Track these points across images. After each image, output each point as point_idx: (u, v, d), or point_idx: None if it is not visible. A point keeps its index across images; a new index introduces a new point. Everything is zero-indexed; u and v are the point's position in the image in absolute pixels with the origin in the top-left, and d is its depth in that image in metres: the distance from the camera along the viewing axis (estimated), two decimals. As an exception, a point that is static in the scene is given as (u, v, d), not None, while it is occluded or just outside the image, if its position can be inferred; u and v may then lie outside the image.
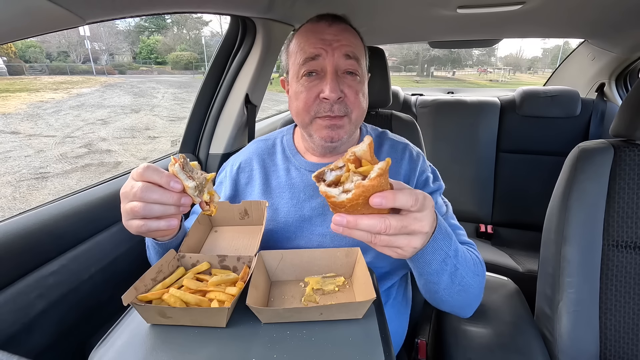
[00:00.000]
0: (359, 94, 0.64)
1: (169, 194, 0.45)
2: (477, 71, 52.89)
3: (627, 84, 1.71)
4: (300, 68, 0.63)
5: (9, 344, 0.57)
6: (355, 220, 0.36)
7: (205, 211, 0.50)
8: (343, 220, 0.36)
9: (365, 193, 0.34)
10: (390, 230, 0.37)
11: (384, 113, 1.17)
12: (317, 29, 0.63)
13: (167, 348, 0.41)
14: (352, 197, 0.34)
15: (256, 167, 0.74)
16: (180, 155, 0.47)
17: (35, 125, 10.00)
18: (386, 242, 0.38)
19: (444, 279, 0.50)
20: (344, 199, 0.34)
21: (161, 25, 47.72)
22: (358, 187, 0.34)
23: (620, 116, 0.73)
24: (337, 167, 0.38)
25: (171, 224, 0.47)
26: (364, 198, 0.35)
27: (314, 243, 0.65)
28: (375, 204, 0.35)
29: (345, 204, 0.34)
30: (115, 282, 0.79)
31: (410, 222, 0.38)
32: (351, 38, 0.64)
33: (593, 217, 0.71)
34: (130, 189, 0.45)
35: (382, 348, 0.40)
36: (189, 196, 0.46)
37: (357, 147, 0.37)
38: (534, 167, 1.65)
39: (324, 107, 0.62)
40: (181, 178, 0.45)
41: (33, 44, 32.14)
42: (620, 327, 0.70)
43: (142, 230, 0.47)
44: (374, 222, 0.36)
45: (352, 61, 0.62)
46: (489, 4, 1.01)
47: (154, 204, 0.45)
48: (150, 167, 0.45)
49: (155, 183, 0.45)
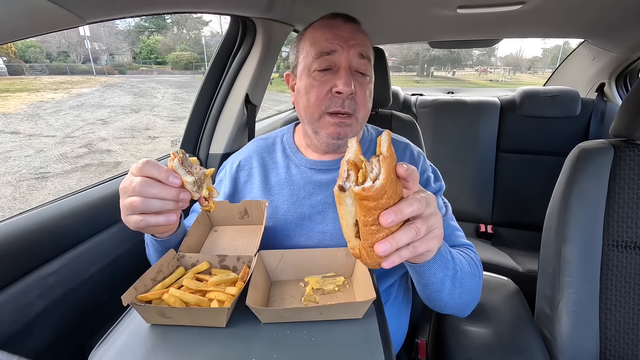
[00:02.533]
0: (367, 93, 0.65)
1: (167, 189, 0.45)
2: (477, 71, 52.90)
3: (627, 84, 1.71)
4: (314, 62, 0.63)
5: (9, 344, 0.57)
6: (399, 208, 0.34)
7: (204, 207, 0.50)
8: (391, 215, 0.34)
9: (391, 165, 0.34)
10: (424, 207, 0.36)
11: (384, 113, 1.17)
12: (333, 24, 0.64)
13: (167, 348, 0.41)
14: (385, 175, 0.33)
15: (255, 164, 0.74)
16: (180, 150, 0.47)
17: (35, 125, 10.00)
18: (424, 248, 0.37)
19: (447, 285, 0.51)
20: (380, 183, 0.33)
21: (161, 25, 47.75)
22: (383, 160, 0.33)
23: (620, 116, 0.73)
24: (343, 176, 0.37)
25: (170, 219, 0.47)
26: (393, 172, 0.35)
27: (314, 240, 0.65)
28: (403, 173, 0.35)
29: (384, 189, 0.33)
30: (115, 282, 0.79)
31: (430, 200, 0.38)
32: (365, 39, 0.65)
33: (593, 217, 0.71)
34: (129, 184, 0.45)
35: (382, 348, 0.40)
36: (187, 191, 0.46)
37: (347, 154, 0.36)
38: (534, 167, 1.65)
39: (336, 102, 0.62)
40: (180, 173, 0.45)
41: (33, 44, 32.15)
42: (620, 327, 0.70)
43: (140, 226, 0.46)
44: (412, 202, 0.35)
45: (365, 61, 0.63)
46: (489, 4, 1.01)
47: (152, 199, 0.45)
48: (149, 162, 0.45)
49: (154, 178, 0.45)
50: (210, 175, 0.50)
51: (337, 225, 0.65)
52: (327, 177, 0.68)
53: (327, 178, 0.68)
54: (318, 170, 0.69)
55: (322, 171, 0.69)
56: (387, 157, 0.34)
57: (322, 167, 0.69)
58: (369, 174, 0.34)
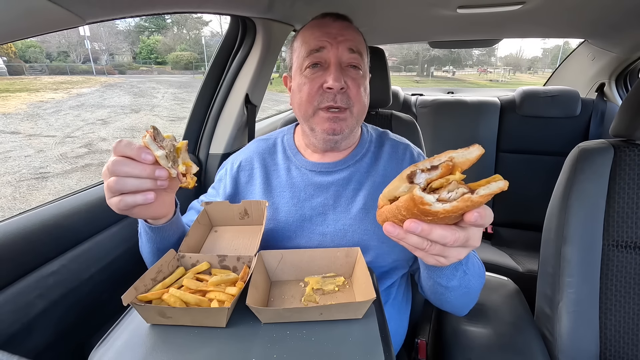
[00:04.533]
0: (361, 88, 0.64)
1: (140, 165, 0.44)
2: (477, 71, 52.89)
3: (627, 84, 1.71)
4: (304, 60, 0.64)
5: (9, 344, 0.57)
6: (430, 229, 0.33)
7: (182, 183, 0.49)
8: (417, 228, 0.32)
9: (467, 208, 0.30)
10: (456, 243, 0.34)
11: (384, 113, 1.17)
12: (322, 23, 0.65)
13: (167, 348, 0.41)
14: (450, 209, 0.30)
15: (257, 166, 0.74)
16: (151, 126, 0.46)
17: (35, 125, 10.00)
18: (439, 252, 0.36)
19: (453, 283, 0.51)
20: (440, 209, 0.30)
21: (161, 25, 47.73)
22: (465, 201, 0.30)
23: (620, 116, 0.73)
24: (427, 169, 0.33)
25: (147, 198, 0.46)
26: (462, 212, 0.31)
27: (314, 242, 0.65)
28: (471, 221, 0.31)
29: (438, 214, 0.30)
30: (115, 282, 0.79)
31: (471, 235, 0.36)
32: (355, 34, 0.65)
33: (593, 217, 0.71)
34: (106, 165, 0.45)
35: (382, 348, 0.40)
36: (163, 168, 0.45)
37: (457, 152, 0.33)
38: (534, 167, 1.65)
39: (327, 97, 0.62)
40: (152, 149, 0.44)
41: (33, 44, 32.14)
42: (620, 327, 0.70)
43: (120, 207, 0.46)
44: (447, 234, 0.33)
45: (356, 55, 0.63)
46: (489, 4, 1.01)
47: (127, 178, 0.44)
48: (122, 141, 0.44)
49: (127, 157, 0.44)
50: (184, 148, 0.49)
51: (337, 227, 0.65)
52: (328, 179, 0.69)
53: (328, 180, 0.68)
54: (318, 172, 0.69)
55: (323, 173, 0.69)
56: (474, 200, 0.30)
57: (322, 169, 0.69)
58: (444, 191, 0.31)
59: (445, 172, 0.33)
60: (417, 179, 0.33)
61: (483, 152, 0.33)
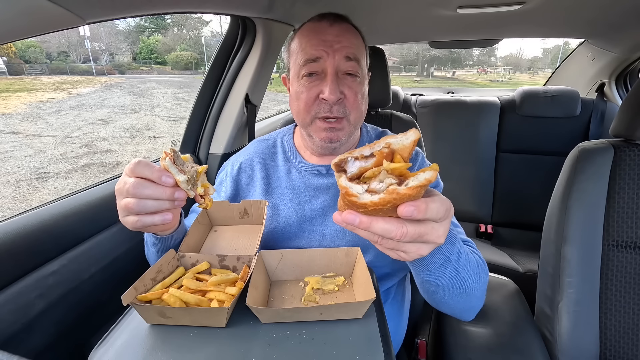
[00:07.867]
0: (358, 95, 0.64)
1: (161, 189, 0.44)
2: (477, 71, 52.89)
3: (627, 84, 1.71)
4: (301, 69, 0.63)
5: (9, 344, 0.57)
6: (370, 222, 0.31)
7: (200, 204, 0.49)
8: (355, 219, 0.31)
9: (396, 201, 0.28)
10: (405, 238, 0.32)
11: (384, 113, 1.17)
12: (318, 28, 0.63)
13: (166, 348, 0.41)
14: (378, 201, 0.28)
15: (257, 167, 0.74)
16: (171, 149, 0.47)
17: (35, 125, 10.00)
18: (393, 246, 0.35)
19: (444, 282, 0.48)
20: (367, 201, 0.28)
21: (161, 25, 47.74)
22: (391, 193, 0.27)
23: (620, 116, 0.73)
24: (363, 156, 0.31)
25: (165, 219, 0.47)
26: (392, 205, 0.28)
27: (314, 243, 0.66)
28: (404, 215, 0.29)
29: (367, 206, 0.28)
30: (115, 282, 0.79)
31: (428, 231, 0.33)
32: (352, 39, 0.64)
33: (593, 217, 0.71)
34: (123, 185, 0.45)
35: (382, 348, 0.40)
36: (182, 190, 0.46)
37: (395, 137, 0.30)
38: (534, 167, 1.65)
39: (324, 108, 0.62)
40: (172, 172, 0.45)
41: (33, 44, 32.14)
42: (620, 327, 0.70)
43: (137, 226, 0.46)
44: (390, 228, 0.31)
45: (353, 63, 0.62)
46: (489, 4, 1.01)
47: (147, 200, 0.44)
48: (141, 162, 0.45)
49: (147, 178, 0.44)
50: (204, 171, 0.49)
51: (336, 228, 0.65)
52: (327, 181, 0.69)
53: (327, 182, 0.69)
54: (318, 174, 0.70)
55: (323, 175, 0.69)
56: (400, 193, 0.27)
57: (322, 171, 0.70)
58: (373, 181, 0.29)
59: (380, 160, 0.30)
60: (350, 167, 0.31)
61: (419, 136, 0.30)
